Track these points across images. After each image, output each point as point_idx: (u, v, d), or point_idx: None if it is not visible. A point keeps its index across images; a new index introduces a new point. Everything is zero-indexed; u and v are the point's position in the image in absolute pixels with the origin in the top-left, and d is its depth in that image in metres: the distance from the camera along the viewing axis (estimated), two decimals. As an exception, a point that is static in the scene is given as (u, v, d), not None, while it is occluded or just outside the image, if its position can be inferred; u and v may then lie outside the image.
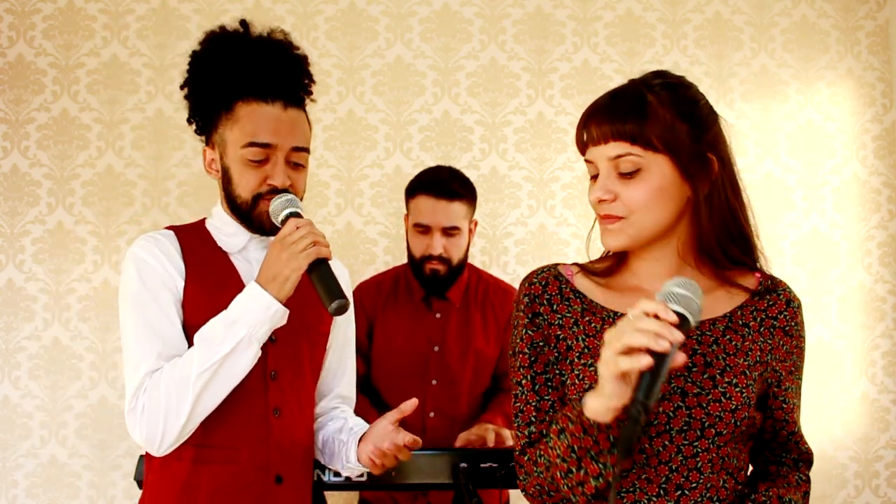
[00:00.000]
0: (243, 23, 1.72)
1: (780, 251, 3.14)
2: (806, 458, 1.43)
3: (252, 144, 1.61)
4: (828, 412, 3.11)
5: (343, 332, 1.84)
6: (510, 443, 2.20)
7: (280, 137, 1.63)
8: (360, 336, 2.49)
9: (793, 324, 1.38)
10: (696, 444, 1.28)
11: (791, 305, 1.39)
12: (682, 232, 1.35)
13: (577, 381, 1.32)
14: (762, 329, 1.36)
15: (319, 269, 1.55)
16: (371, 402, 2.53)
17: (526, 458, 1.36)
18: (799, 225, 3.16)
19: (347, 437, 1.74)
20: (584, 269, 1.42)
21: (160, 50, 3.10)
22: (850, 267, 3.16)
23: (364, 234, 3.09)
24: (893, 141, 3.20)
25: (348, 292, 1.88)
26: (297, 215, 1.60)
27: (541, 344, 1.37)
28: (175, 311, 1.62)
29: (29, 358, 3.00)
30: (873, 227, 3.17)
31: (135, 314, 1.60)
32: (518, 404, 1.39)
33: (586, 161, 1.35)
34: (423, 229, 2.44)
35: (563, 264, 1.45)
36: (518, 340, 1.40)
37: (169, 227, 1.73)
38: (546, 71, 3.17)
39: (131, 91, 3.09)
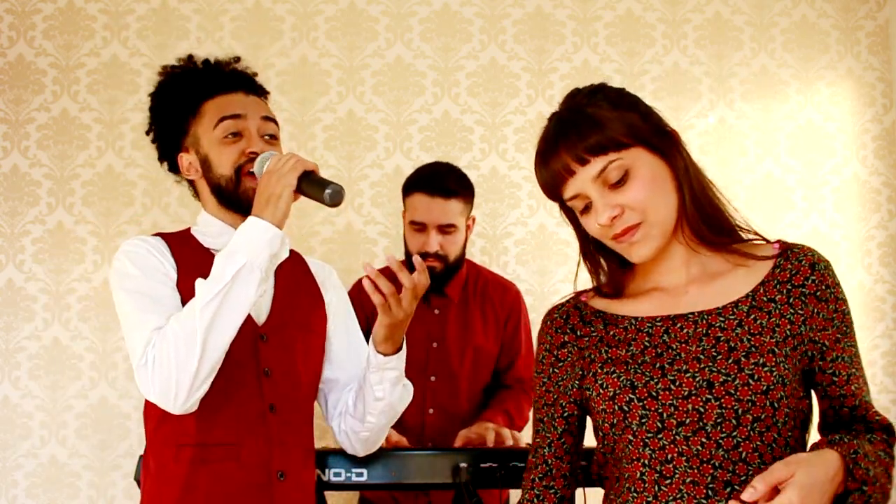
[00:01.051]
0: (190, 56, 1.81)
1: (780, 251, 3.14)
2: (882, 427, 1.28)
3: (223, 119, 1.67)
4: (828, 412, 3.11)
5: (343, 321, 1.83)
6: (510, 442, 2.20)
7: (248, 109, 1.70)
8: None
9: (823, 287, 1.29)
10: (734, 434, 1.22)
11: (817, 268, 1.30)
12: (677, 217, 1.33)
13: (601, 390, 1.31)
14: (791, 300, 1.29)
15: (308, 178, 1.56)
16: None
17: None
18: (799, 225, 3.16)
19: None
20: (598, 291, 1.43)
21: (160, 50, 3.10)
22: (850, 267, 3.16)
23: (364, 234, 3.09)
24: (893, 141, 3.20)
25: (338, 289, 1.86)
26: None
27: (563, 379, 1.39)
28: (174, 288, 1.61)
29: (29, 358, 3.00)
30: (873, 227, 3.17)
31: (132, 294, 1.59)
32: (532, 440, 1.44)
33: (568, 201, 1.32)
34: (419, 227, 2.44)
35: (579, 292, 1.45)
36: (540, 376, 1.42)
37: (155, 234, 1.75)
38: (546, 71, 3.17)
39: (131, 91, 3.09)
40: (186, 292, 1.60)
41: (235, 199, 1.67)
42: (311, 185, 1.55)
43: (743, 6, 3.21)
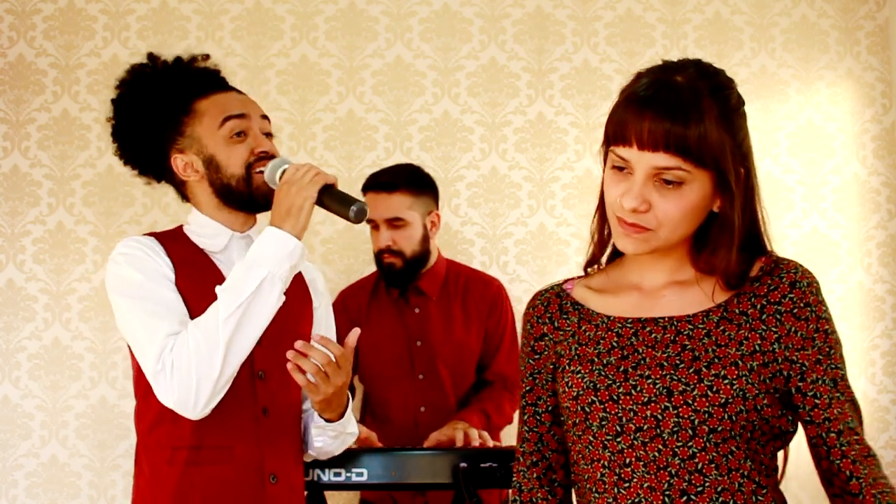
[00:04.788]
0: (152, 55, 1.78)
1: (780, 251, 3.10)
2: (868, 462, 1.21)
3: (228, 118, 1.66)
4: (828, 412, 3.11)
5: (324, 329, 1.82)
6: (476, 443, 2.19)
7: (249, 108, 1.70)
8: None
9: (801, 305, 1.24)
10: (690, 444, 1.20)
11: (797, 286, 1.26)
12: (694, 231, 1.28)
13: (566, 388, 1.30)
14: (764, 316, 1.25)
15: (330, 192, 1.58)
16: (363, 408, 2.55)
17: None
18: (799, 225, 3.16)
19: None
20: (586, 278, 1.39)
21: (160, 50, 3.05)
22: (850, 267, 3.16)
23: (364, 234, 3.08)
24: (893, 141, 3.20)
25: (325, 294, 1.87)
26: None
27: (539, 372, 1.37)
28: (176, 290, 1.60)
29: (29, 358, 3.00)
30: (873, 227, 3.17)
31: (138, 300, 1.57)
32: (520, 429, 1.42)
33: (615, 153, 1.23)
34: (373, 225, 2.50)
35: (568, 279, 1.42)
36: (522, 368, 1.40)
37: (147, 234, 1.72)
38: (546, 71, 3.17)
39: (131, 91, 3.09)
40: (184, 293, 1.61)
41: (248, 197, 1.67)
42: (334, 199, 1.57)
43: (743, 6, 3.21)
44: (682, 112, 1.18)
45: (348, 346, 1.57)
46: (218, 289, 1.54)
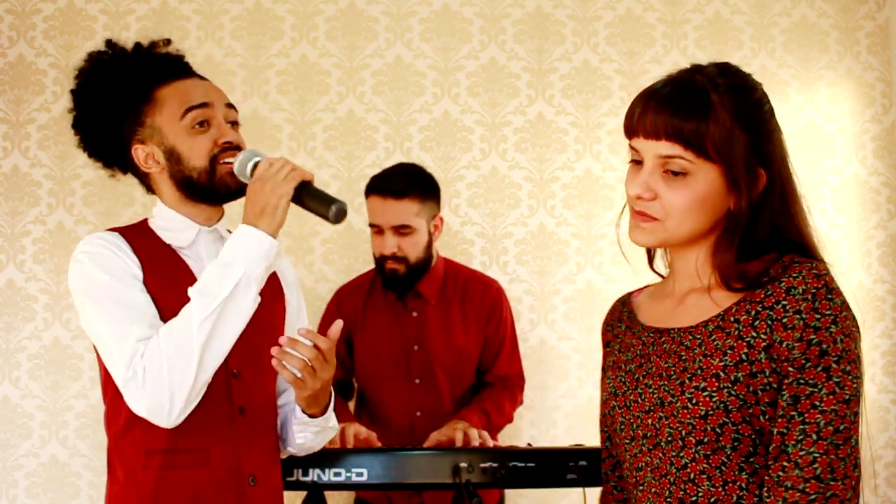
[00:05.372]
0: (111, 42, 1.68)
1: (779, 251, 3.14)
2: (780, 495, 1.14)
3: (190, 109, 1.57)
4: (828, 412, 3.11)
5: (296, 324, 1.75)
6: (475, 443, 2.18)
7: (212, 96, 1.61)
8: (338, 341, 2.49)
9: (791, 313, 1.15)
10: (681, 455, 1.21)
11: (791, 292, 1.16)
12: (716, 234, 1.27)
13: (601, 393, 1.38)
14: (756, 323, 1.18)
15: (307, 189, 1.50)
16: (348, 404, 2.54)
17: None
18: (799, 225, 3.16)
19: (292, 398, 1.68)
20: (654, 284, 1.41)
21: (160, 50, 3.10)
22: (850, 267, 3.16)
23: (364, 235, 3.09)
24: (893, 141, 3.20)
25: (296, 287, 1.81)
26: None
27: (605, 375, 1.43)
28: (145, 291, 1.53)
29: (29, 358, 3.00)
30: (873, 227, 3.18)
31: (105, 302, 1.50)
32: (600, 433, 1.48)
33: (631, 147, 1.26)
34: (377, 229, 2.44)
35: (643, 286, 1.44)
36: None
37: (111, 229, 1.65)
38: (546, 71, 3.17)
39: (131, 91, 3.09)
40: (153, 292, 1.54)
41: (210, 189, 1.59)
42: (312, 198, 1.50)
43: (743, 6, 3.21)
44: (686, 103, 1.21)
45: (331, 339, 1.51)
46: (191, 291, 1.46)
